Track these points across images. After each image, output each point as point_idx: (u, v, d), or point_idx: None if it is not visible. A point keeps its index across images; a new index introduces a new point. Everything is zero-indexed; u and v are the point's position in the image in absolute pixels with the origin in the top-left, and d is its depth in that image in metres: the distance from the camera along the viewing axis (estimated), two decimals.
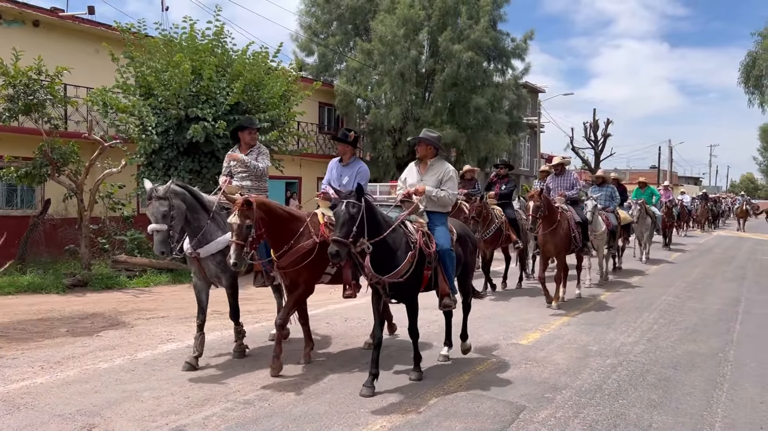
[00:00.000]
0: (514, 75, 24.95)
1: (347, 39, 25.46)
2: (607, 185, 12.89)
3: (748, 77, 19.97)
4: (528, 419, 4.80)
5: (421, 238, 5.45)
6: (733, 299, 10.86)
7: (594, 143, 38.73)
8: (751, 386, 5.84)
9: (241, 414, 4.75)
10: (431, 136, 6.05)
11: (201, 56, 12.13)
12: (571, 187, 10.47)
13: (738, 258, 18.41)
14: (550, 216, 9.15)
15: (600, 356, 6.72)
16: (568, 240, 9.51)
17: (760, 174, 55.72)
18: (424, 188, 5.80)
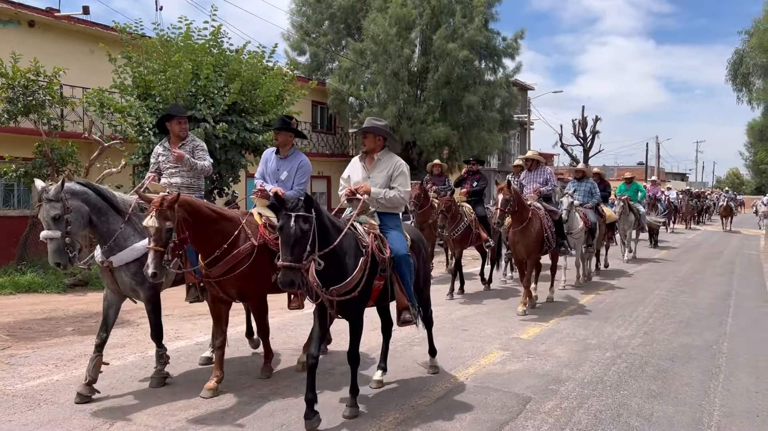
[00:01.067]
0: (505, 73, 25.16)
1: (339, 38, 25.53)
2: (587, 180, 12.16)
3: (735, 75, 20.29)
4: (535, 410, 4.97)
5: (373, 242, 4.74)
6: (724, 293, 11.11)
7: (582, 140, 39.08)
8: (746, 376, 6.05)
9: (256, 408, 4.88)
10: (378, 125, 5.24)
11: (198, 56, 12.19)
12: (545, 182, 9.71)
13: (726, 254, 18.74)
14: (520, 214, 8.51)
15: (599, 349, 6.92)
16: (540, 240, 8.79)
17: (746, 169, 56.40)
18: (368, 188, 5.03)
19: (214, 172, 11.74)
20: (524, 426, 4.62)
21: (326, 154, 24.42)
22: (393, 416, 4.78)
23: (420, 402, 5.09)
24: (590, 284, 11.82)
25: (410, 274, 5.03)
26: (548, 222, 8.96)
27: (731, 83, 20.36)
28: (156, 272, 4.40)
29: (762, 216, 37.90)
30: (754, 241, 24.25)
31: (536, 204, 9.07)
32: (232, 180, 13.05)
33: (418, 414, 4.83)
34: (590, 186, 11.95)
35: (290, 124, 5.95)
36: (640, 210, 16.18)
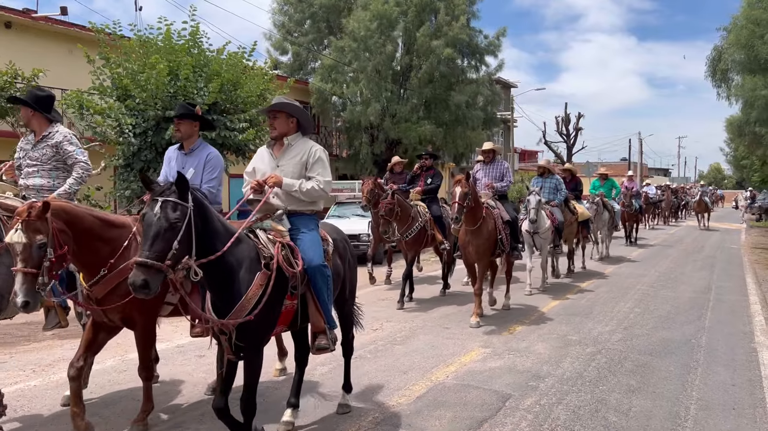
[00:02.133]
0: (488, 72, 25.24)
1: (321, 37, 25.48)
2: (551, 176, 11.31)
3: (714, 71, 20.47)
4: (514, 406, 5.00)
5: (279, 253, 3.85)
6: (705, 287, 11.23)
7: (566, 137, 39.35)
8: (723, 370, 6.12)
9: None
10: (289, 103, 4.37)
11: (177, 57, 12.11)
12: (501, 177, 8.84)
13: (707, 249, 18.94)
14: (474, 212, 7.71)
15: (579, 345, 6.97)
16: (492, 242, 8.02)
17: (727, 164, 57.11)
18: (280, 179, 4.15)
19: None
20: (503, 423, 4.65)
21: None
22: (373, 415, 4.78)
23: (400, 401, 5.10)
24: (567, 283, 11.51)
25: (327, 289, 4.14)
26: (502, 223, 8.18)
27: (710, 79, 20.55)
28: (28, 301, 3.59)
29: (743, 210, 38.43)
30: (736, 236, 24.55)
31: (490, 202, 8.30)
32: None
33: (398, 413, 4.84)
34: (555, 182, 11.24)
35: (193, 111, 5.05)
36: (614, 208, 15.73)
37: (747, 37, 16.19)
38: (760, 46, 14.28)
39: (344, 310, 4.85)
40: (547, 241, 10.45)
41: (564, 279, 11.92)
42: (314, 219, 4.38)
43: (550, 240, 10.56)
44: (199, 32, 12.70)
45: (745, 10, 16.69)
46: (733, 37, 17.25)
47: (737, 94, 17.71)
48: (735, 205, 49.86)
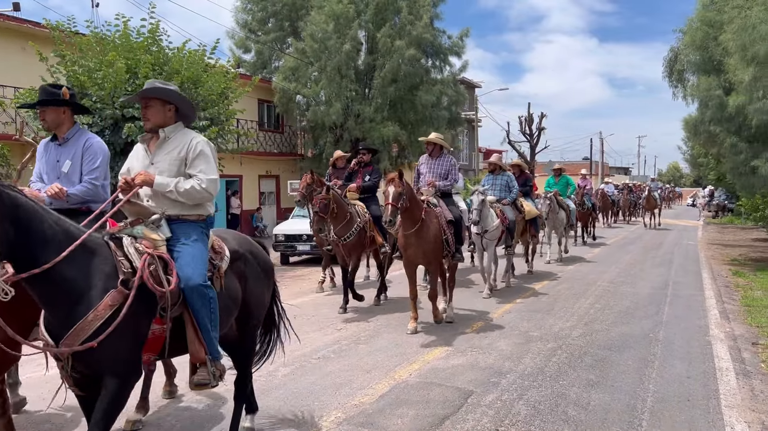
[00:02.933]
0: (452, 72, 25.40)
1: (284, 36, 25.32)
2: (503, 173, 10.74)
3: (671, 71, 20.90)
4: (476, 403, 5.03)
5: (146, 267, 3.24)
6: (663, 283, 11.49)
7: (529, 136, 39.79)
8: (679, 363, 6.26)
9: (189, 415, 4.78)
10: (162, 87, 3.70)
11: (136, 54, 11.88)
12: (446, 174, 8.11)
13: (666, 245, 19.39)
14: (412, 213, 7.09)
15: (541, 341, 7.05)
16: (439, 243, 7.43)
17: (685, 163, 58.61)
18: (149, 177, 3.53)
19: None
20: (465, 420, 4.67)
21: (274, 153, 24.16)
22: (335, 415, 4.76)
23: (363, 400, 5.08)
24: (524, 284, 11.08)
25: (210, 313, 3.48)
26: (445, 222, 7.55)
27: (668, 80, 21.00)
28: None
29: (701, 207, 39.49)
30: (693, 232, 25.20)
31: (432, 200, 7.68)
32: None
33: (360, 412, 4.82)
34: (507, 179, 10.59)
35: (58, 94, 4.26)
36: (570, 206, 15.01)
37: (701, 38, 16.59)
38: (714, 47, 14.64)
39: (245, 338, 4.11)
40: (494, 242, 9.72)
41: (520, 280, 11.56)
42: (200, 227, 3.68)
43: (500, 241, 9.95)
44: (158, 30, 12.48)
45: (700, 12, 17.10)
46: (689, 38, 17.67)
47: (693, 94, 18.12)
48: (692, 202, 51.19)
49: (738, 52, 9.52)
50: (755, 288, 11.04)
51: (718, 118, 16.08)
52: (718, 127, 16.63)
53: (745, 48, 8.92)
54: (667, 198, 54.74)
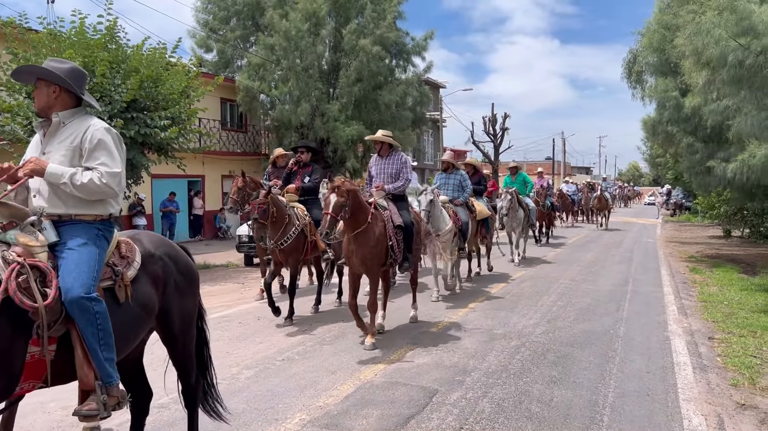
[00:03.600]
0: (416, 72, 25.49)
1: (247, 35, 25.05)
2: (456, 172, 10.20)
3: (630, 73, 21.36)
4: (441, 402, 5.04)
5: (12, 278, 2.77)
6: (623, 280, 11.72)
7: (493, 137, 40.21)
8: (639, 358, 6.39)
9: (156, 418, 4.68)
10: (54, 67, 3.28)
11: (93, 52, 11.60)
12: (396, 174, 7.46)
13: (626, 243, 19.79)
14: (355, 217, 6.54)
15: (504, 338, 7.11)
16: (382, 250, 6.76)
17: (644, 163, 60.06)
18: (41, 164, 3.10)
19: None
20: (430, 419, 4.67)
21: (237, 153, 23.88)
22: (299, 417, 4.71)
23: (328, 402, 5.04)
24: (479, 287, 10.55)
25: (98, 330, 2.97)
26: (392, 227, 6.91)
27: (627, 81, 21.48)
28: None
29: (659, 206, 40.46)
30: (652, 230, 25.79)
31: (381, 202, 7.12)
32: (133, 182, 12.48)
33: (325, 414, 4.78)
34: (460, 178, 10.05)
35: None
36: (529, 204, 14.55)
37: (659, 40, 17.01)
38: (671, 49, 14.99)
39: (176, 353, 3.75)
40: (448, 244, 9.18)
41: (478, 283, 11.10)
42: (95, 228, 3.19)
43: (452, 243, 9.38)
44: (116, 27, 12.22)
45: (657, 15, 17.54)
46: (646, 40, 18.10)
47: (651, 95, 18.57)
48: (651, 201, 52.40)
49: (692, 56, 9.77)
50: (711, 284, 11.35)
51: (675, 118, 16.51)
52: (675, 128, 17.07)
53: (699, 52, 9.16)
54: (626, 197, 56.07)
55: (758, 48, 8.16)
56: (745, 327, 7.79)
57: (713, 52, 8.70)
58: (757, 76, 8.48)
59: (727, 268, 13.48)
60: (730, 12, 8.39)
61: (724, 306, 9.18)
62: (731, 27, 8.38)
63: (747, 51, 8.26)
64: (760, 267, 13.63)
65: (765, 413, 4.95)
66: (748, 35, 8.26)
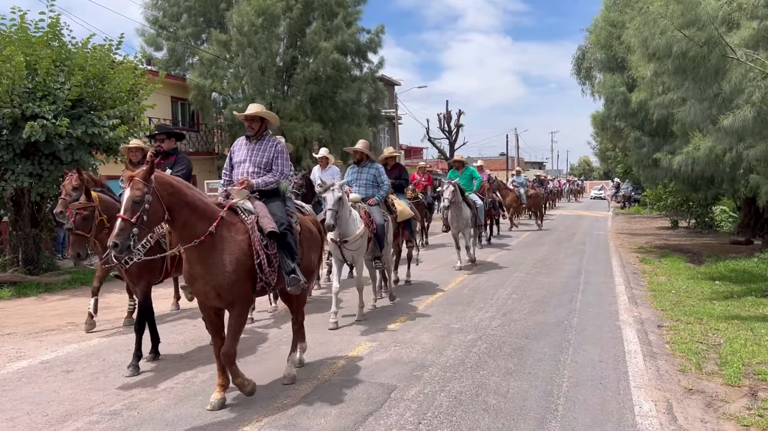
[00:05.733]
0: (371, 69, 25.51)
1: (199, 32, 24.63)
2: (370, 165, 8.61)
3: (579, 69, 21.88)
4: (399, 397, 5.05)
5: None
6: (576, 272, 11.97)
7: (448, 133, 40.54)
8: (592, 347, 6.54)
9: (108, 426, 4.55)
10: None
11: (35, 50, 11.19)
12: (267, 165, 5.55)
13: (578, 236, 20.23)
14: (189, 226, 4.60)
15: (461, 332, 7.17)
16: (243, 272, 4.77)
17: (595, 157, 61.57)
18: None
19: (58, 175, 10.85)
20: (388, 415, 4.68)
21: (190, 152, 23.43)
22: (256, 418, 4.65)
23: (286, 402, 4.99)
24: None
25: None
26: (259, 238, 4.91)
27: (576, 77, 21.98)
28: None
29: (609, 199, 41.53)
30: (603, 223, 26.43)
31: (245, 204, 5.11)
32: None
33: (283, 415, 4.72)
34: (374, 173, 8.53)
35: None
36: (476, 202, 12.91)
37: (606, 37, 17.46)
38: (617, 46, 15.41)
39: None
40: (361, 252, 7.75)
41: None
42: None
43: (367, 251, 7.96)
44: (59, 23, 11.81)
45: (604, 12, 18.00)
46: (594, 37, 18.56)
47: (599, 91, 19.05)
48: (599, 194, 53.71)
49: (640, 48, 10.03)
50: (660, 274, 11.70)
51: (622, 113, 16.97)
52: (623, 122, 17.54)
53: (646, 43, 9.41)
54: (575, 191, 57.40)
55: (702, 39, 8.42)
56: (692, 314, 8.06)
57: (659, 42, 8.95)
58: (700, 66, 8.75)
59: (674, 258, 13.93)
60: (676, 3, 8.63)
61: (672, 295, 9.48)
62: (677, 18, 8.62)
63: (691, 42, 8.51)
64: (705, 257, 14.14)
65: (711, 397, 5.12)
66: (693, 26, 8.51)
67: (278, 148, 5.67)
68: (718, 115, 8.78)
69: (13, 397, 5.24)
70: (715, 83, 8.81)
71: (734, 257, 13.38)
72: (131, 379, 5.64)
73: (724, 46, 8.32)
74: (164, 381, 5.58)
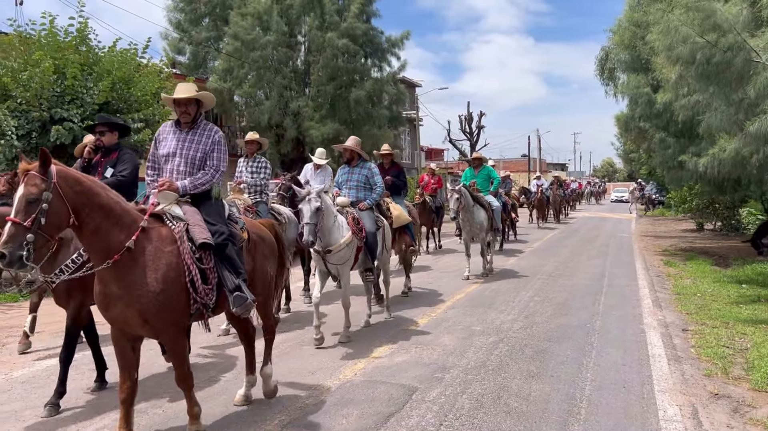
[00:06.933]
0: (391, 71, 25.55)
1: (220, 35, 24.93)
2: (362, 164, 7.77)
3: (602, 70, 21.62)
4: (420, 399, 5.06)
5: None
6: (599, 274, 11.87)
7: (469, 135, 40.43)
8: (615, 351, 6.48)
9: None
10: None
11: (64, 54, 11.44)
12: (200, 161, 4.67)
13: (601, 238, 20.04)
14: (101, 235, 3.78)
15: (483, 335, 7.15)
16: (168, 294, 3.92)
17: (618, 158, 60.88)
18: None
19: None
20: (409, 416, 4.69)
21: None
22: (279, 418, 4.69)
23: (308, 402, 5.03)
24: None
25: None
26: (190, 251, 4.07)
27: (599, 78, 21.74)
28: None
29: (632, 201, 41.04)
30: (627, 225, 26.15)
31: (172, 210, 4.31)
32: None
33: (305, 415, 4.76)
34: (366, 173, 7.68)
35: None
36: (493, 203, 11.72)
37: (629, 38, 17.25)
38: (642, 46, 15.22)
39: None
40: (348, 264, 6.90)
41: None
42: None
43: (356, 263, 7.15)
44: (87, 28, 12.06)
45: (627, 12, 17.80)
46: (618, 38, 18.34)
47: (623, 92, 18.81)
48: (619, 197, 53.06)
49: (664, 52, 9.92)
50: (685, 277, 11.55)
51: (647, 114, 16.75)
52: (648, 123, 17.32)
53: (671, 48, 9.32)
54: (597, 193, 56.81)
55: (725, 45, 8.32)
56: (718, 318, 7.95)
57: (683, 50, 8.86)
58: (725, 72, 8.64)
59: (700, 261, 13.73)
60: (696, 11, 8.53)
61: (697, 298, 9.35)
62: (697, 25, 8.53)
63: (714, 48, 8.41)
64: (732, 260, 13.92)
65: (737, 402, 5.05)
66: (715, 32, 8.42)
67: (215, 138, 4.75)
68: (745, 120, 8.65)
69: (42, 394, 5.31)
70: (740, 88, 8.69)
71: (762, 260, 13.15)
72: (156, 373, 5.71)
73: (748, 51, 8.20)
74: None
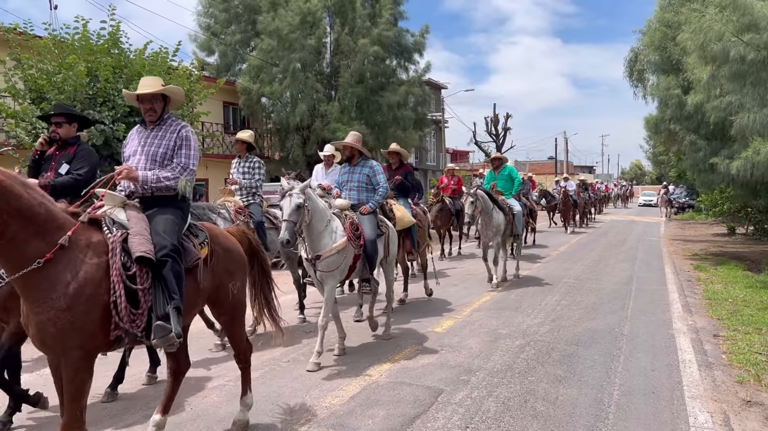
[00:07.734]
0: (417, 72, 25.56)
1: (248, 38, 25.20)
2: (364, 163, 7.15)
3: (632, 71, 21.33)
4: (446, 401, 5.05)
5: None
6: (627, 278, 11.71)
7: (495, 137, 40.25)
8: (644, 356, 6.39)
9: None
10: None
11: (96, 57, 11.67)
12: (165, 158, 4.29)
13: (630, 241, 19.76)
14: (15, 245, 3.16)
15: (509, 338, 7.11)
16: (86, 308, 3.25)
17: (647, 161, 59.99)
18: None
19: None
20: (435, 418, 4.68)
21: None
22: (305, 417, 4.72)
23: (333, 402, 5.06)
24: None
25: None
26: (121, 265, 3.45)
27: (628, 79, 21.45)
28: None
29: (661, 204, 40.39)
30: (656, 228, 25.75)
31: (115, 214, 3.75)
32: None
33: (331, 414, 4.79)
34: (368, 173, 7.06)
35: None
36: (514, 207, 10.94)
37: (660, 39, 17.01)
38: (672, 47, 15.01)
39: None
40: (336, 274, 6.19)
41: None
42: None
43: (347, 275, 6.48)
44: (119, 32, 12.29)
45: (658, 13, 17.54)
46: (648, 39, 18.09)
47: (653, 93, 18.54)
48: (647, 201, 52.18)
49: (696, 51, 9.78)
50: (716, 282, 11.33)
51: (677, 116, 16.48)
52: (678, 125, 17.03)
53: (704, 47, 9.17)
54: (625, 196, 55.92)
55: (761, 43, 8.16)
56: (750, 324, 7.79)
57: (715, 48, 8.72)
58: (760, 71, 8.48)
59: (731, 266, 13.46)
60: (732, 9, 8.39)
61: (728, 304, 9.17)
62: (733, 23, 8.39)
63: (749, 47, 8.26)
64: (764, 265, 13.60)
65: None
66: (750, 31, 8.27)
67: (183, 134, 4.31)
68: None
69: None
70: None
71: None
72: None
73: None
74: (215, 379, 5.72)
